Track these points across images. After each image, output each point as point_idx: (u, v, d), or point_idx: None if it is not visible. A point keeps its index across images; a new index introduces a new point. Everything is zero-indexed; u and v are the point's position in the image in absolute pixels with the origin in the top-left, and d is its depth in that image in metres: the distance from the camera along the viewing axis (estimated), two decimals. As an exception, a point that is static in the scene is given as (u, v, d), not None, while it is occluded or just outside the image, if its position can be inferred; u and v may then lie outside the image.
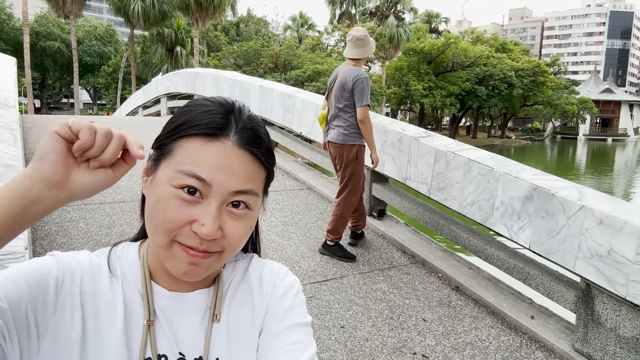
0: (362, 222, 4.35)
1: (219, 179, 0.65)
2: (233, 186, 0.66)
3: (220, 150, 0.66)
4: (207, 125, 0.67)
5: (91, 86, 55.33)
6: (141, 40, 37.51)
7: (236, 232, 0.68)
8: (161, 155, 0.69)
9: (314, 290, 3.52)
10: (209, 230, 0.64)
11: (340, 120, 3.95)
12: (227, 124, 0.68)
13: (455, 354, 2.89)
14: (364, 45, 3.95)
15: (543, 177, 3.30)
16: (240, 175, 0.67)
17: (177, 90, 11.53)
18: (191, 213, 0.65)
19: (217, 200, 0.65)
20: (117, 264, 0.74)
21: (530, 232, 3.20)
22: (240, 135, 0.68)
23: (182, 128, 0.68)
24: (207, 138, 0.66)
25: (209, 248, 0.66)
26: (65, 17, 31.32)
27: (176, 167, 0.65)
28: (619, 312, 2.69)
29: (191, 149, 0.66)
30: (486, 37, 42.76)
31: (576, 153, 44.49)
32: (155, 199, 0.66)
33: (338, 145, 3.98)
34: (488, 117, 49.09)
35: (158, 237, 0.67)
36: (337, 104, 3.95)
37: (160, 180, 0.67)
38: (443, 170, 3.98)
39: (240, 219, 0.68)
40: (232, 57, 30.59)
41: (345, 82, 3.87)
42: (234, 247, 0.69)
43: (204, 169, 0.65)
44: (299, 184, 6.24)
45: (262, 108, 7.31)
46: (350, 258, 4.06)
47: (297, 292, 0.81)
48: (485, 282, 3.82)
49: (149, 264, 0.74)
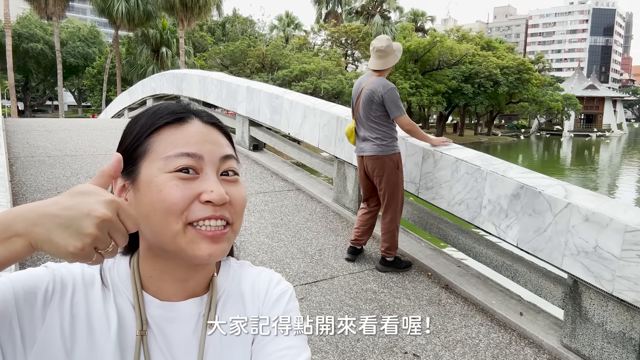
0: (366, 237, 4.14)
1: (206, 149, 0.70)
2: (220, 152, 0.71)
3: (194, 128, 0.71)
4: (172, 113, 0.72)
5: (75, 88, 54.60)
6: (126, 41, 37.12)
7: (239, 195, 0.72)
8: (134, 162, 0.70)
9: (304, 291, 3.52)
10: (219, 192, 0.67)
11: (375, 132, 3.82)
12: (186, 110, 0.74)
13: (445, 352, 2.91)
14: (386, 55, 3.85)
15: (529, 175, 3.34)
16: (220, 144, 0.73)
17: (163, 92, 11.45)
18: (195, 187, 0.67)
19: (212, 169, 0.69)
20: (108, 275, 0.74)
21: (517, 229, 3.23)
22: (201, 116, 0.74)
23: (148, 125, 0.71)
24: (177, 123, 0.71)
25: (222, 214, 0.68)
26: (48, 18, 30.93)
27: (162, 156, 0.68)
28: (605, 308, 2.73)
29: (168, 137, 0.70)
30: (471, 35, 43.02)
31: (561, 149, 45.01)
32: (156, 193, 0.67)
33: (377, 157, 3.82)
34: (474, 114, 49.42)
35: (170, 226, 0.66)
36: (367, 116, 3.83)
37: (151, 176, 0.68)
38: (431, 170, 4.01)
39: (235, 184, 0.72)
40: (219, 58, 30.43)
41: (373, 94, 3.77)
42: (239, 214, 0.72)
43: (189, 145, 0.69)
44: (288, 184, 6.23)
45: (250, 109, 7.29)
46: (409, 265, 4.05)
47: (290, 298, 0.81)
48: (474, 280, 3.85)
49: (142, 273, 0.74)
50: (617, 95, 70.25)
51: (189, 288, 0.75)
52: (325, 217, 5.12)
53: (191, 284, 0.75)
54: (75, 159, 6.61)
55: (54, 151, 7.06)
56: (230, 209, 0.69)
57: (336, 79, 25.42)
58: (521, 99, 42.01)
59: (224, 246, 0.69)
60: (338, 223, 4.99)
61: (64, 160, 6.53)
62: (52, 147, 7.34)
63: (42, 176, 5.65)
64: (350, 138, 4.12)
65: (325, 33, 36.59)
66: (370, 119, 3.83)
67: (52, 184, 5.40)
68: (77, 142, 7.97)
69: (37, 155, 6.70)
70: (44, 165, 6.17)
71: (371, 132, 3.85)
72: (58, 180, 5.53)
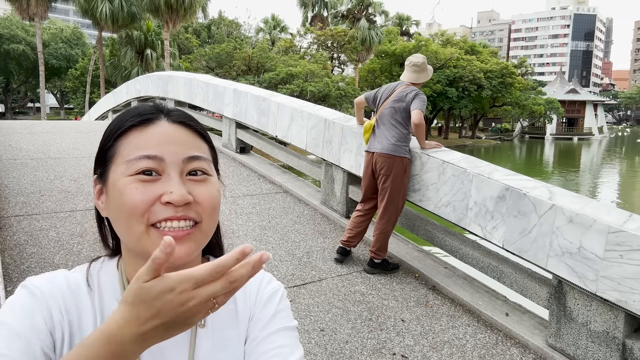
0: (357, 240, 4.15)
1: (168, 151, 0.69)
2: (184, 153, 0.70)
3: (159, 129, 0.70)
4: (138, 115, 0.71)
5: (58, 90, 53.79)
6: (110, 42, 36.68)
7: (206, 194, 0.70)
8: (105, 166, 0.71)
9: (293, 294, 3.52)
10: (178, 193, 0.66)
11: (395, 131, 3.93)
12: (156, 110, 0.73)
13: (433, 353, 2.93)
14: (421, 71, 4.07)
15: (514, 178, 3.39)
16: (185, 145, 0.71)
17: (148, 94, 11.35)
18: (155, 190, 0.67)
19: (174, 170, 0.68)
20: (96, 278, 0.75)
21: (503, 231, 3.27)
22: (171, 115, 0.73)
23: (116, 129, 0.71)
24: (143, 125, 0.70)
25: (186, 214, 0.67)
26: (30, 19, 30.39)
27: (125, 159, 0.68)
28: (589, 308, 2.78)
29: (132, 139, 0.69)
30: (456, 39, 43.50)
31: (544, 152, 45.68)
32: (118, 197, 0.67)
33: (389, 156, 3.90)
34: (459, 118, 49.95)
35: (133, 228, 0.67)
36: (392, 115, 3.96)
37: (115, 180, 0.68)
38: (418, 172, 4.04)
39: (203, 184, 0.71)
40: (204, 60, 30.26)
41: (404, 96, 3.95)
42: (210, 214, 0.71)
43: (150, 147, 0.68)
44: (276, 187, 6.22)
45: (237, 111, 7.27)
46: (397, 267, 4.09)
47: (282, 298, 0.81)
48: (460, 281, 3.89)
49: (128, 276, 0.74)
50: (598, 99, 71.52)
51: None
52: (313, 220, 5.13)
53: None
54: (58, 162, 6.52)
55: (37, 154, 6.95)
56: (197, 209, 0.69)
57: (322, 82, 25.45)
58: (504, 103, 42.58)
59: (188, 247, 0.68)
60: (326, 225, 5.00)
61: (47, 162, 6.43)
62: (35, 150, 7.22)
63: (25, 179, 5.56)
64: (366, 134, 4.19)
65: (312, 36, 36.65)
66: (395, 118, 3.95)
67: (35, 186, 5.31)
68: (61, 144, 7.85)
69: (20, 157, 6.58)
70: (26, 167, 6.07)
71: (391, 130, 3.96)
72: (41, 183, 5.45)
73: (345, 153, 4.94)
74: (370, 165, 4.04)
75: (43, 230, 4.13)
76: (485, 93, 38.21)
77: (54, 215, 4.51)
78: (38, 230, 4.12)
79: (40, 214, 4.51)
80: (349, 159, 4.89)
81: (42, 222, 4.30)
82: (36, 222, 4.29)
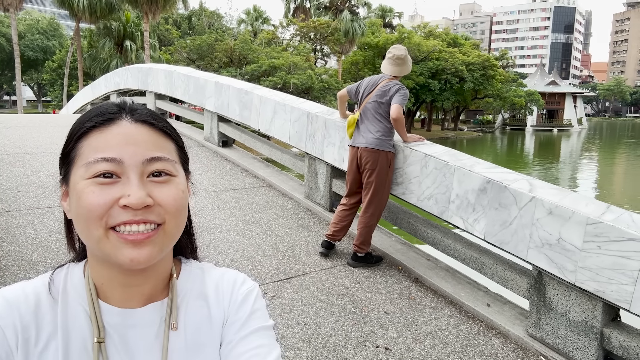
0: (342, 234, 4.17)
1: (127, 152, 0.66)
2: (143, 155, 0.67)
3: (119, 130, 0.68)
4: (98, 115, 0.69)
5: (35, 82, 52.61)
6: (88, 34, 35.95)
7: (168, 196, 0.68)
8: (68, 168, 0.69)
9: (276, 288, 3.51)
10: (136, 196, 0.64)
11: (379, 125, 3.93)
12: (119, 110, 0.70)
13: (416, 345, 2.96)
14: (403, 64, 4.04)
15: (495, 170, 3.42)
16: (147, 145, 0.68)
17: (128, 87, 11.17)
18: (113, 193, 0.65)
19: (134, 173, 0.66)
20: (61, 286, 0.72)
21: (484, 223, 3.31)
22: (134, 114, 0.70)
23: (77, 130, 0.69)
24: (103, 126, 0.68)
25: (145, 217, 0.65)
26: (4, 9, 29.60)
27: (84, 161, 0.66)
28: (568, 298, 2.83)
29: (92, 141, 0.67)
30: (438, 31, 43.70)
31: (524, 144, 46.30)
32: (77, 200, 0.66)
33: (374, 151, 3.90)
34: (441, 110, 50.28)
35: (92, 232, 0.65)
36: (376, 110, 3.95)
37: (74, 183, 0.67)
38: (401, 165, 4.05)
39: (166, 185, 0.68)
40: (185, 52, 29.83)
41: (387, 90, 3.93)
42: (174, 215, 0.69)
43: (108, 149, 0.66)
44: (259, 181, 6.19)
45: (219, 105, 7.19)
46: (380, 260, 4.11)
47: (257, 297, 0.80)
48: (443, 273, 3.93)
49: (95, 281, 0.72)
50: (577, 91, 72.59)
51: (145, 292, 0.73)
52: (297, 214, 5.12)
53: (146, 288, 0.73)
54: (35, 157, 6.38)
55: (13, 149, 6.79)
56: (159, 211, 0.67)
57: (305, 74, 25.32)
58: (486, 95, 43.00)
59: (149, 250, 0.66)
60: (309, 219, 4.99)
61: (23, 158, 6.29)
62: (10, 145, 7.05)
63: (1, 175, 5.43)
64: (349, 128, 4.17)
65: (294, 28, 36.40)
66: (379, 112, 3.94)
67: (11, 182, 5.20)
68: (38, 139, 7.69)
69: (-5, 152, 6.43)
70: (2, 163, 5.93)
71: (375, 125, 3.95)
72: (18, 179, 5.33)
73: (328, 147, 4.93)
74: (355, 160, 4.03)
75: (20, 227, 4.04)
76: (467, 85, 38.51)
77: (31, 211, 4.41)
78: (15, 227, 4.03)
79: (17, 210, 4.41)
80: (332, 152, 4.88)
81: (19, 219, 4.21)
82: (13, 219, 4.19)
